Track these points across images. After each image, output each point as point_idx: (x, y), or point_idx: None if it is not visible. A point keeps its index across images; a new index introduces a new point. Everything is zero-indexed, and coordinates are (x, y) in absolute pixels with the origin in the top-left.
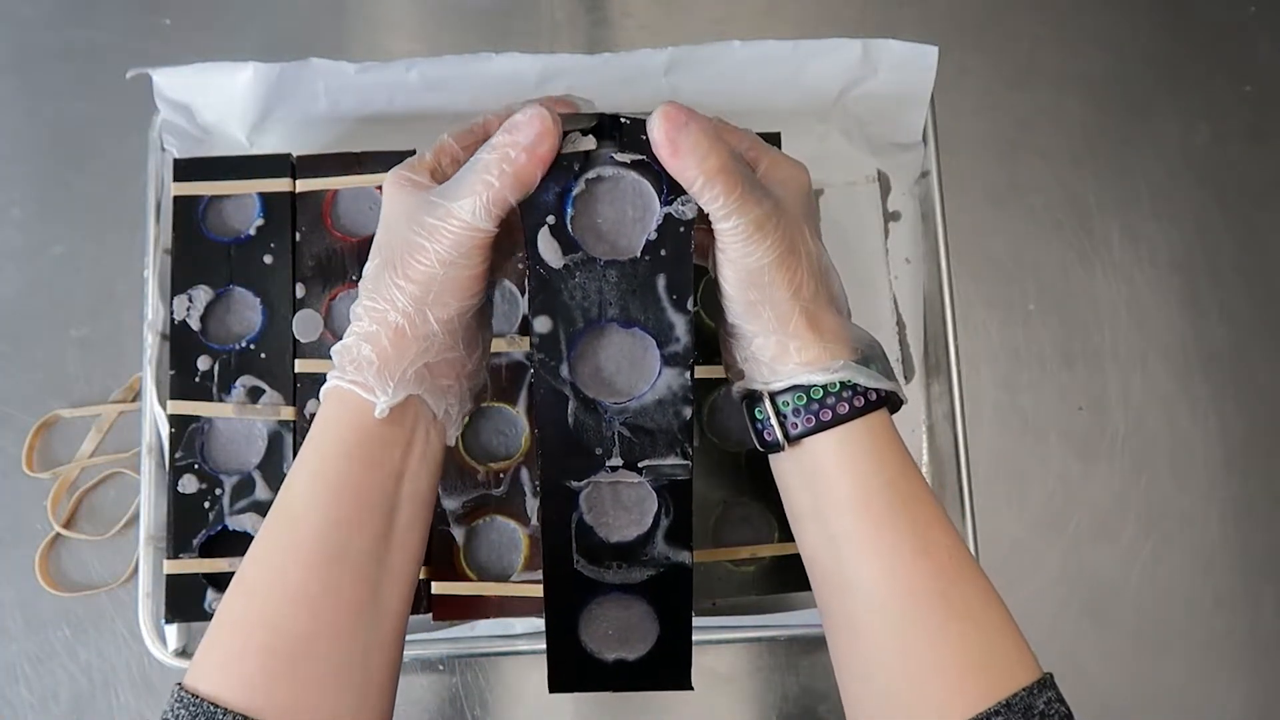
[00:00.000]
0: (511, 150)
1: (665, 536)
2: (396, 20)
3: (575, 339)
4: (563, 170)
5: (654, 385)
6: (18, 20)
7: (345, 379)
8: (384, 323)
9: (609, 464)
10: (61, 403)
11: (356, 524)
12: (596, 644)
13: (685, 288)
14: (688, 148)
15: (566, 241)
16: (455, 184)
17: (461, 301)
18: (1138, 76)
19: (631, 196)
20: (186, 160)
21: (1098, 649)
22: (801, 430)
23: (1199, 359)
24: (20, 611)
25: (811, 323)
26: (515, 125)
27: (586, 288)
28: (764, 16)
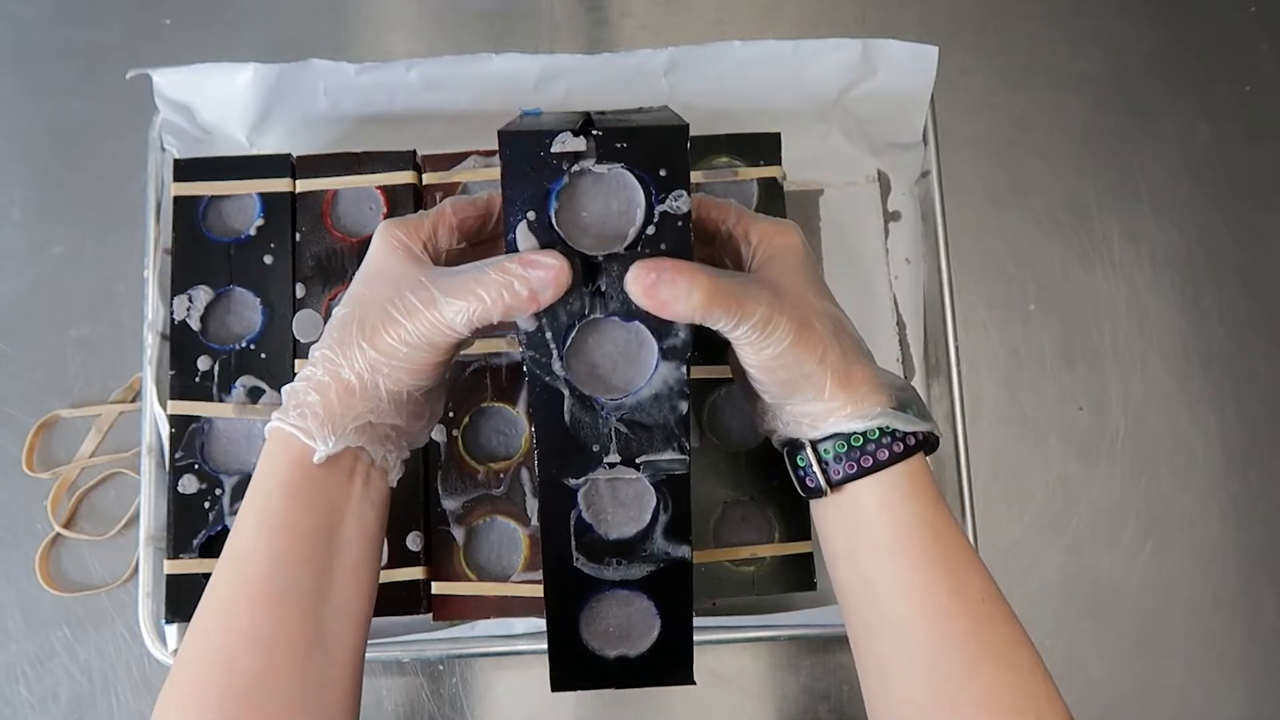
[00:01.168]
0: (519, 284)
1: (664, 532)
2: (396, 20)
3: (562, 334)
4: (550, 167)
5: (650, 380)
6: (18, 20)
7: (288, 422)
8: (336, 377)
9: (606, 460)
10: (61, 403)
11: (302, 562)
12: (598, 641)
13: None
14: (667, 299)
15: (545, 236)
16: (451, 280)
17: (416, 381)
18: (1138, 76)
19: (617, 190)
20: (186, 160)
21: (1098, 649)
22: (843, 476)
23: (1199, 359)
24: (20, 611)
25: (844, 381)
26: (535, 262)
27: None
28: (764, 16)
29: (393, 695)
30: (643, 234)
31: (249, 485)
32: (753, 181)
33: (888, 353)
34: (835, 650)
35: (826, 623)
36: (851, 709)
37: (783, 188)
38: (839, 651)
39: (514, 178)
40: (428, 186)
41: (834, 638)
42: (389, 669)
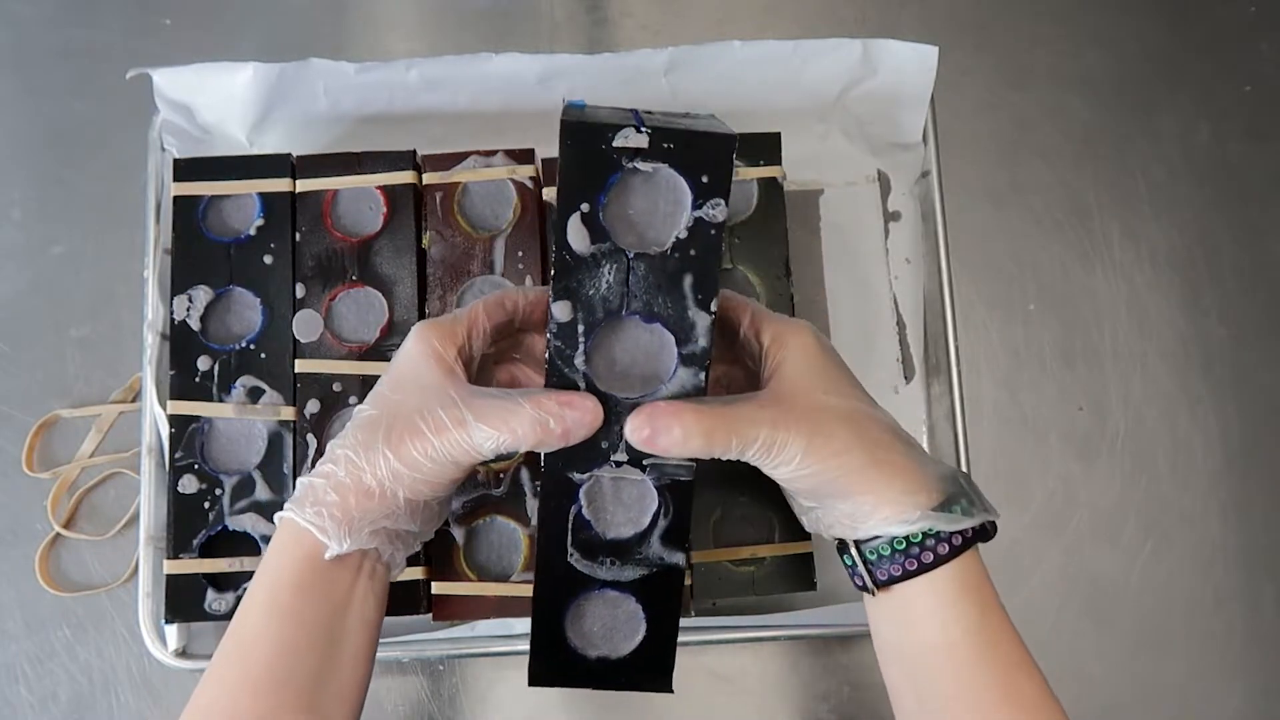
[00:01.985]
0: (553, 422)
1: (662, 537)
2: (396, 20)
3: (593, 329)
4: (608, 160)
5: (668, 384)
6: (18, 20)
7: (304, 516)
8: (357, 481)
9: (614, 458)
10: (61, 403)
11: (304, 650)
12: (580, 640)
13: (711, 290)
14: (666, 446)
15: (597, 230)
16: (484, 404)
17: (435, 493)
18: (1138, 76)
19: (665, 191)
20: (186, 160)
21: (1098, 649)
22: (890, 578)
23: (1199, 359)
24: (20, 611)
25: (875, 481)
26: (571, 403)
27: (610, 279)
28: (764, 16)
29: (393, 695)
30: (677, 237)
31: (259, 567)
32: (753, 181)
33: (888, 353)
34: (835, 650)
35: (826, 623)
36: (851, 709)
37: (783, 188)
38: (839, 651)
39: (573, 168)
40: (428, 186)
41: (834, 637)
42: (389, 669)
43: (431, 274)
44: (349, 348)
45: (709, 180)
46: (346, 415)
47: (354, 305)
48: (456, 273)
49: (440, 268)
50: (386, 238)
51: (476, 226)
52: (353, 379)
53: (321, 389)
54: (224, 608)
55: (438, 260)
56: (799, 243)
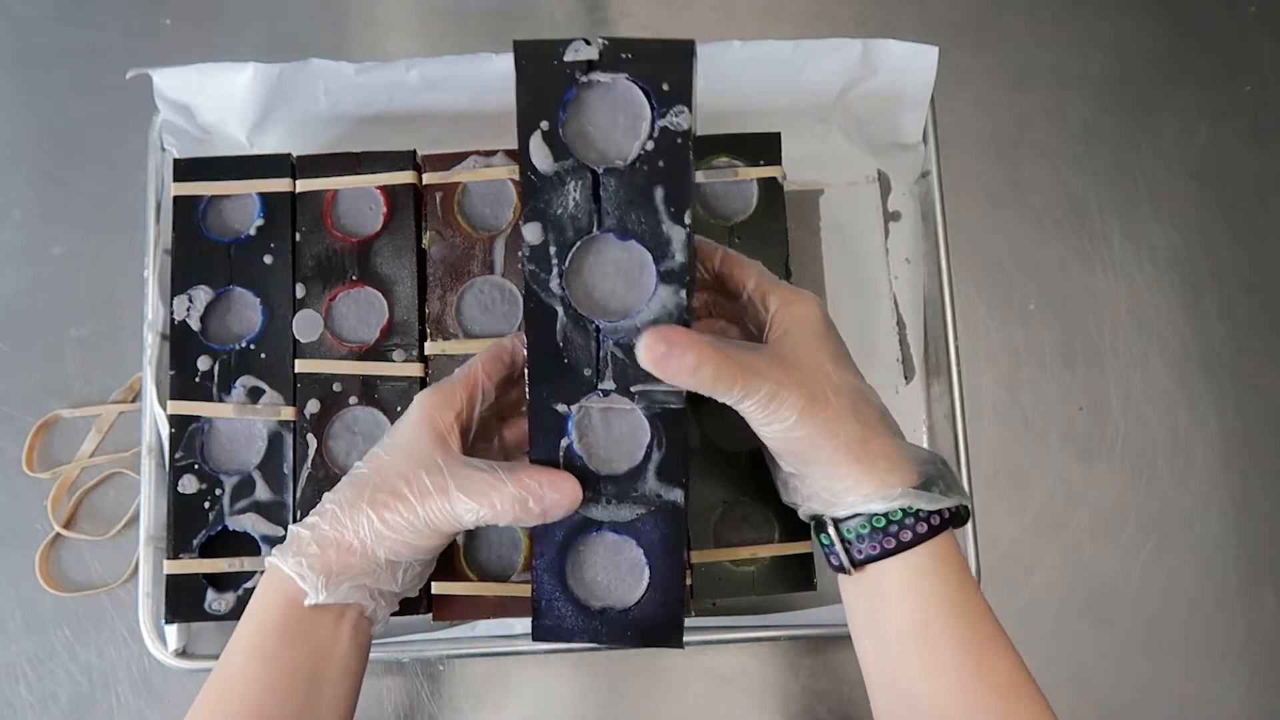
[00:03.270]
0: (533, 502)
1: (657, 472)
2: (396, 20)
3: (566, 250)
4: (562, 76)
5: (649, 303)
6: (17, 20)
7: (287, 564)
8: (340, 536)
9: (600, 387)
10: (61, 403)
11: (285, 693)
12: (583, 591)
13: (684, 201)
14: (675, 370)
15: (558, 147)
16: (467, 475)
17: (417, 556)
18: (1138, 76)
19: (623, 104)
20: (186, 160)
21: (1098, 649)
22: (866, 556)
23: (1199, 359)
24: (20, 611)
25: (861, 456)
26: (551, 484)
27: (577, 196)
28: (764, 16)
29: (393, 695)
30: (643, 149)
31: (245, 611)
32: (753, 181)
33: (888, 353)
34: (835, 650)
35: (826, 623)
36: (851, 709)
37: (783, 188)
38: (839, 651)
39: (527, 86)
40: (428, 186)
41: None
42: (389, 669)
43: (431, 274)
44: (349, 348)
45: (670, 88)
46: (347, 415)
47: (354, 305)
48: (456, 273)
49: (440, 268)
50: (386, 238)
51: (476, 226)
52: (353, 379)
53: (321, 389)
54: (224, 608)
55: (438, 260)
56: (799, 243)
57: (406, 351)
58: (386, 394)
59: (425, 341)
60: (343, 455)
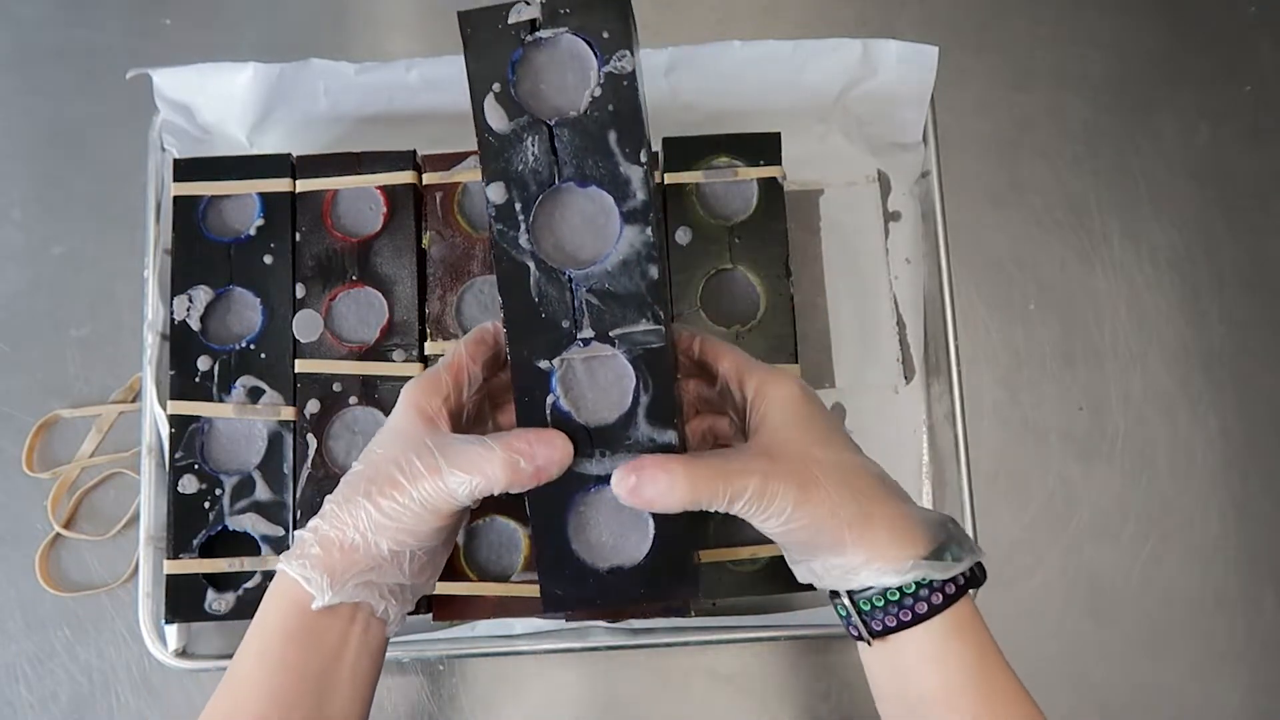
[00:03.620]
0: (523, 461)
1: (647, 416)
2: (396, 20)
3: (530, 205)
4: (508, 38)
5: (616, 246)
6: (18, 20)
7: (293, 568)
8: (341, 533)
9: (579, 336)
10: (61, 403)
11: (294, 699)
12: (589, 554)
13: (637, 141)
14: (652, 497)
15: (512, 106)
16: (458, 449)
17: (419, 542)
18: (1138, 76)
19: (569, 60)
20: (186, 160)
21: (1098, 649)
22: (884, 629)
23: (1199, 359)
24: (20, 611)
25: (865, 533)
26: (543, 439)
27: (535, 150)
28: (764, 16)
29: (393, 695)
30: (592, 96)
31: (254, 616)
32: (753, 181)
33: (888, 353)
34: (835, 650)
35: (827, 623)
36: (851, 709)
37: (783, 188)
38: (839, 651)
39: (475, 52)
40: (428, 186)
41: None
42: (389, 669)
43: (431, 274)
44: (349, 348)
45: (610, 35)
46: (347, 415)
47: (354, 305)
48: (456, 273)
49: (440, 268)
50: (386, 238)
51: (476, 226)
52: (353, 379)
53: (321, 389)
54: (224, 608)
55: (438, 260)
56: (799, 243)
57: (406, 351)
58: (386, 394)
59: (425, 341)
60: (343, 455)
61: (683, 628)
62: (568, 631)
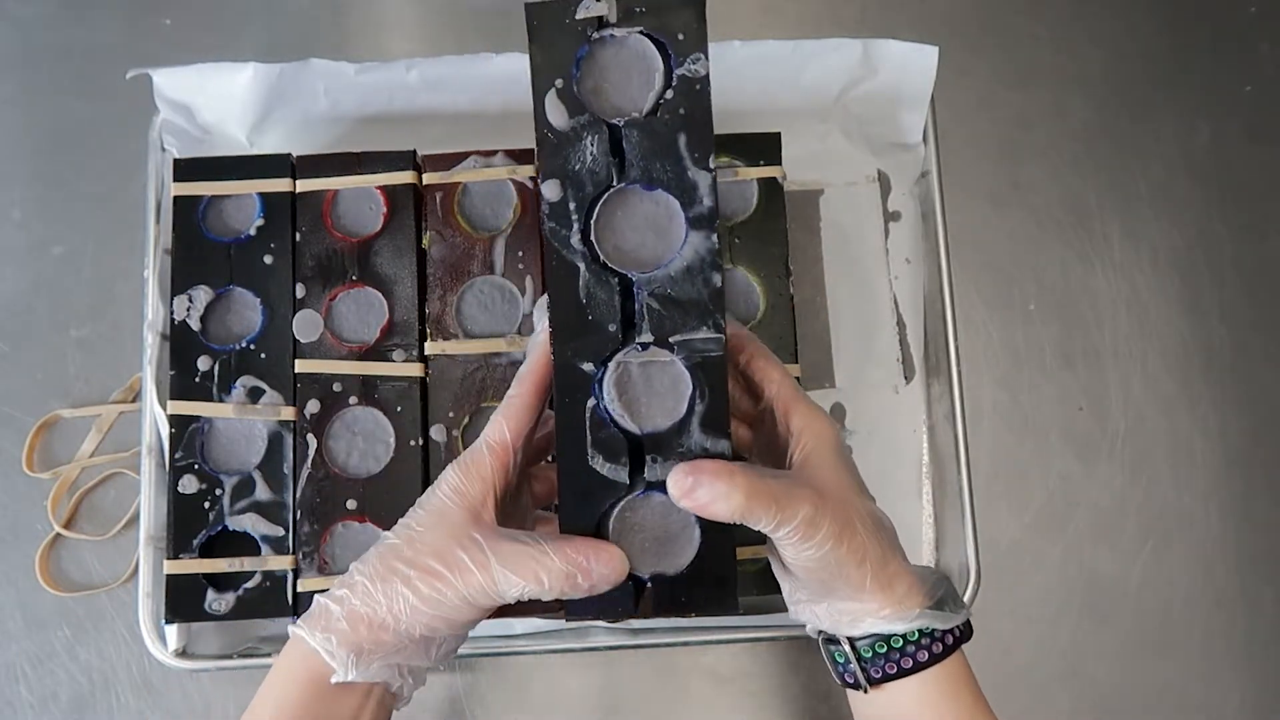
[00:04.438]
0: (581, 578)
1: (701, 424)
2: (396, 20)
3: (585, 204)
4: (574, 34)
5: (681, 251)
6: (18, 20)
7: (314, 638)
8: (372, 612)
9: (639, 340)
10: (61, 403)
11: None
12: (633, 558)
13: (707, 146)
14: (706, 501)
15: (574, 104)
16: (509, 549)
17: (453, 631)
18: (1138, 76)
19: (635, 60)
20: (186, 160)
21: (1098, 649)
22: (883, 677)
23: (1199, 359)
24: (20, 611)
25: (883, 580)
26: (600, 553)
27: (594, 150)
28: (764, 16)
29: None
30: (662, 98)
31: (265, 680)
32: (753, 181)
33: (888, 353)
34: None
35: None
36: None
37: (783, 188)
38: None
39: (540, 46)
40: (428, 186)
41: None
42: None
43: (431, 274)
44: (349, 348)
45: (685, 37)
46: (347, 415)
47: (354, 305)
48: (456, 273)
49: (440, 268)
50: (386, 238)
51: (476, 226)
52: (353, 379)
53: (321, 389)
54: (224, 608)
55: (438, 260)
56: (799, 243)
57: (406, 351)
58: (386, 394)
59: (425, 341)
60: (343, 455)
61: (683, 628)
62: (568, 632)
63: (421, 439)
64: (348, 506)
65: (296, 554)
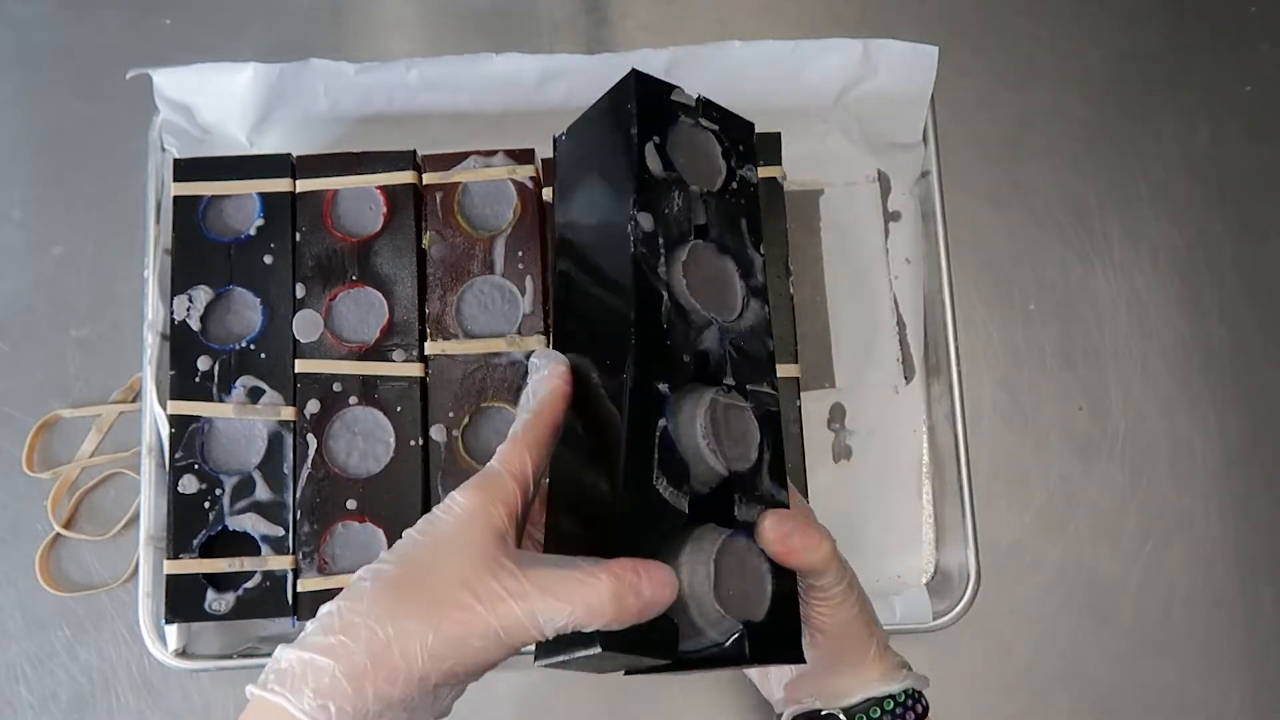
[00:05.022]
0: (633, 599)
1: (769, 472)
2: (396, 20)
3: (670, 242)
4: (669, 110)
5: (746, 311)
6: (18, 20)
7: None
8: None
9: (725, 382)
10: (61, 403)
11: None
12: (723, 601)
13: (758, 235)
14: (798, 547)
15: (665, 160)
16: (546, 574)
17: (472, 676)
18: (1138, 76)
19: (704, 148)
20: (186, 160)
21: (1098, 649)
22: None
23: (1199, 359)
24: (20, 611)
25: (881, 646)
26: (651, 571)
27: (680, 203)
28: (764, 16)
29: None
30: (728, 186)
31: None
32: None
33: (888, 353)
34: None
35: None
36: None
37: (783, 188)
38: None
39: (645, 108)
40: (428, 186)
41: None
42: None
43: (431, 274)
44: (349, 348)
45: (743, 149)
46: (347, 415)
47: (354, 305)
48: (456, 273)
49: (440, 268)
50: (386, 238)
51: (476, 226)
52: (353, 379)
53: (321, 389)
54: (224, 608)
55: (438, 260)
56: (799, 243)
57: (406, 351)
58: (386, 394)
59: (425, 341)
60: (343, 455)
61: None
62: None
63: (422, 439)
64: (348, 506)
65: (296, 554)
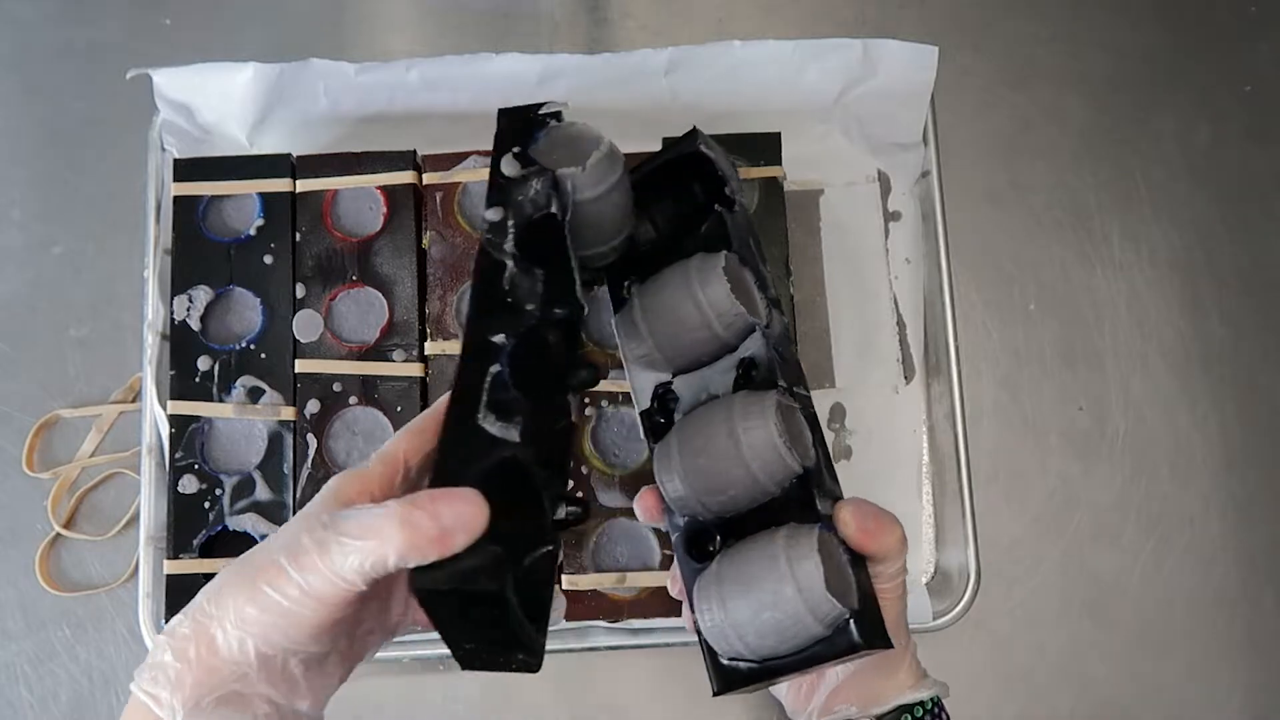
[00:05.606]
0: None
1: (825, 468)
2: (396, 20)
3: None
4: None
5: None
6: (18, 20)
7: (142, 687)
8: (201, 633)
9: (781, 383)
10: (61, 403)
11: None
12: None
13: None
14: (874, 530)
15: (526, 160)
16: (351, 514)
17: (296, 644)
18: (1138, 76)
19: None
20: (186, 160)
21: (1098, 649)
22: None
23: (1199, 359)
24: (20, 611)
25: (914, 651)
26: (449, 497)
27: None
28: (764, 16)
29: (391, 695)
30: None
31: None
32: (753, 181)
33: (888, 353)
34: None
35: None
36: None
37: (783, 188)
38: None
39: (503, 133)
40: (428, 186)
41: None
42: (389, 669)
43: (431, 274)
44: (349, 348)
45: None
46: (347, 415)
47: (354, 305)
48: (456, 273)
49: (440, 268)
50: (386, 238)
51: (476, 226)
52: (353, 379)
53: (321, 389)
54: None
55: (438, 260)
56: (799, 243)
57: (406, 351)
58: (386, 394)
59: (425, 341)
60: (343, 455)
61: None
62: (567, 631)
63: None
64: None
65: None
